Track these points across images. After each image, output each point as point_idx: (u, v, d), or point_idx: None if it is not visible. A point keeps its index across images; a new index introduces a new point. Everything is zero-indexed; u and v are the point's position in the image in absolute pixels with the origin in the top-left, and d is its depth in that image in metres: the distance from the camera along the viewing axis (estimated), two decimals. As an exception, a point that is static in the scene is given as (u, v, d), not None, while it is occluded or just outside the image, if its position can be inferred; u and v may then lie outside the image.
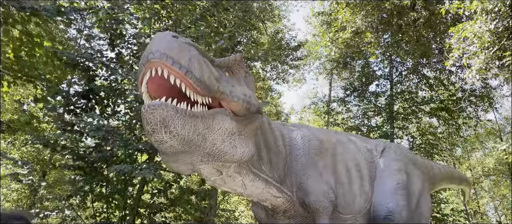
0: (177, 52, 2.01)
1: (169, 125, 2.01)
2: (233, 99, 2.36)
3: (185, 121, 2.07)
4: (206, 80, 2.13)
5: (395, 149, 4.33)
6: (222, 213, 16.68)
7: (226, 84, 2.36)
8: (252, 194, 3.04)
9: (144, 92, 2.17)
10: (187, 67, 2.03)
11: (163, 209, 8.23)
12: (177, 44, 2.05)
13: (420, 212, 3.97)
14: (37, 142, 7.37)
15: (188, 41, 2.18)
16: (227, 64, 2.56)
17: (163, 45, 2.01)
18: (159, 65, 1.99)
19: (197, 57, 2.12)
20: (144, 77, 2.08)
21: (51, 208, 8.07)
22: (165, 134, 2.03)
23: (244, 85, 2.62)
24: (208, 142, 2.26)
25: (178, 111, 2.04)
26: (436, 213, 15.25)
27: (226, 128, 2.33)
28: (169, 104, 2.01)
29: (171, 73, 2.02)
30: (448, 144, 19.55)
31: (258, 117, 2.65)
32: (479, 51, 7.90)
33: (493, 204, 29.39)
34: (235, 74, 2.62)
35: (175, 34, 2.13)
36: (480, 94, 16.38)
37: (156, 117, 1.98)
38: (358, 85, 18.06)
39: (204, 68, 2.15)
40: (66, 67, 8.00)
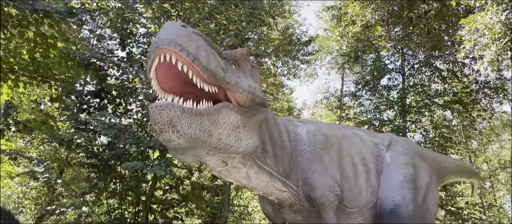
0: (185, 40, 2.08)
1: (176, 125, 2.07)
2: (239, 90, 2.41)
3: (191, 120, 2.13)
4: (212, 69, 2.20)
5: (402, 142, 4.33)
6: (235, 209, 16.81)
7: (232, 75, 2.42)
8: (257, 187, 3.08)
9: (153, 79, 2.24)
10: (195, 55, 2.09)
11: (175, 205, 8.36)
12: (186, 33, 2.12)
13: (426, 206, 3.97)
14: (52, 140, 7.56)
15: (197, 31, 2.25)
16: (234, 56, 2.62)
17: (172, 33, 2.08)
18: (167, 51, 2.06)
19: (204, 46, 2.19)
20: (153, 63, 2.15)
21: (68, 205, 8.28)
22: (173, 133, 2.10)
23: (249, 78, 2.67)
24: (214, 137, 2.32)
25: (185, 110, 2.10)
26: (451, 206, 15.11)
27: (231, 122, 2.38)
28: (175, 104, 2.08)
29: (179, 59, 2.08)
30: (463, 137, 19.32)
31: (263, 110, 2.70)
32: (491, 42, 7.81)
33: (509, 196, 28.93)
34: (241, 67, 2.68)
35: (184, 24, 2.21)
36: (494, 85, 16.12)
37: (163, 118, 2.05)
38: (370, 79, 17.94)
39: (211, 57, 2.22)
40: (79, 67, 8.17)
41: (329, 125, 4.01)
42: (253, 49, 14.21)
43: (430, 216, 4.02)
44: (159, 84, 2.29)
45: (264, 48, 17.26)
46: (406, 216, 3.59)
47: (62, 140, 7.38)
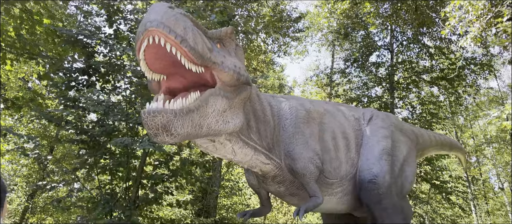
0: (173, 22, 2.12)
1: (170, 129, 2.14)
2: (224, 69, 2.47)
3: (183, 120, 2.21)
4: (199, 50, 2.25)
5: (383, 117, 4.46)
6: (226, 184, 17.05)
7: (217, 54, 2.47)
8: (243, 161, 3.19)
9: (142, 60, 2.30)
10: (183, 36, 2.13)
11: (165, 180, 8.49)
12: (173, 14, 2.16)
13: (404, 176, 4.15)
14: (41, 117, 7.60)
15: (183, 12, 2.29)
16: (219, 36, 2.68)
17: (161, 14, 2.12)
18: (156, 33, 2.10)
19: (191, 27, 2.24)
20: (142, 44, 2.19)
21: (58, 181, 8.37)
22: (167, 137, 2.17)
23: (234, 57, 2.74)
24: (204, 128, 2.40)
25: (177, 114, 2.17)
26: (435, 180, 15.52)
27: (218, 108, 2.46)
28: (168, 109, 2.14)
29: (168, 41, 2.13)
30: (450, 113, 19.65)
31: (247, 88, 2.77)
32: (474, 19, 7.92)
33: (495, 171, 29.65)
34: (226, 46, 2.74)
35: (171, 5, 2.25)
36: (480, 62, 16.35)
37: (157, 124, 2.12)
38: (359, 56, 18.05)
39: (198, 37, 2.27)
40: (66, 44, 8.12)
41: (312, 101, 4.11)
42: (242, 26, 14.16)
43: (407, 186, 4.22)
44: (147, 65, 2.35)
45: (254, 25, 17.21)
46: (383, 186, 3.76)
47: (51, 117, 7.41)
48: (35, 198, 15.34)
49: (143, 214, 8.55)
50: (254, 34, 15.95)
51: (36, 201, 15.64)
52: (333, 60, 22.65)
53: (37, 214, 15.53)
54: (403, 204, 4.09)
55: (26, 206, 14.22)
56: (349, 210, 4.17)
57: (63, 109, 7.59)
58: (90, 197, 8.15)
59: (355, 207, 4.06)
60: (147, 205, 8.07)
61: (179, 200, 10.09)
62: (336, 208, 4.08)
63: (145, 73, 2.40)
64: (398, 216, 3.85)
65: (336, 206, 4.01)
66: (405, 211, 4.08)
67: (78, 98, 7.85)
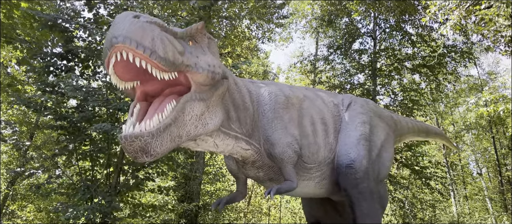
0: (140, 34, 2.03)
1: (149, 150, 2.11)
2: (198, 70, 2.42)
3: (162, 139, 2.17)
4: (170, 57, 2.18)
5: (362, 103, 4.51)
6: (209, 170, 17.08)
7: (190, 56, 2.41)
8: (224, 151, 3.20)
9: (112, 75, 2.23)
10: (151, 48, 2.05)
11: (146, 165, 8.46)
12: (140, 25, 2.07)
13: (381, 161, 4.23)
14: (19, 103, 7.44)
15: (150, 19, 2.19)
16: (190, 33, 2.60)
17: (126, 27, 2.02)
18: (123, 48, 2.01)
19: (160, 35, 2.15)
20: (110, 61, 2.11)
21: (37, 167, 8.25)
22: (147, 157, 2.14)
23: (208, 54, 2.69)
24: (184, 137, 2.38)
25: (154, 135, 2.12)
26: (415, 165, 15.84)
27: (196, 114, 2.43)
28: (144, 133, 2.09)
29: (136, 55, 2.06)
30: (430, 100, 19.99)
31: (224, 82, 2.75)
32: (454, 6, 8.03)
33: (474, 157, 30.36)
34: (198, 42, 2.69)
35: (136, 13, 2.15)
36: (460, 50, 16.60)
37: (135, 148, 2.08)
38: (342, 43, 18.12)
39: (168, 45, 2.19)
40: (43, 28, 7.92)
41: (291, 87, 4.13)
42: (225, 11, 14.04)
43: (384, 171, 4.30)
44: (118, 77, 2.29)
45: (238, 11, 17.06)
46: (360, 171, 3.83)
47: (29, 103, 7.27)
48: (16, 185, 15.11)
49: (124, 200, 8.52)
50: (237, 20, 15.80)
51: (16, 188, 15.40)
52: (317, 47, 22.71)
53: (17, 201, 15.30)
54: (380, 188, 4.19)
55: (6, 193, 13.99)
56: (327, 194, 4.24)
57: (41, 94, 7.44)
58: (70, 184, 8.07)
59: (333, 191, 4.13)
60: (128, 191, 8.04)
61: (161, 186, 10.07)
62: (315, 193, 4.14)
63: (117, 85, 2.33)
64: (375, 200, 3.93)
65: (315, 191, 4.07)
66: (381, 195, 4.18)
67: (57, 84, 7.70)
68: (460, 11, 7.93)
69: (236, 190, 4.09)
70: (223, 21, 15.67)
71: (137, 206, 8.88)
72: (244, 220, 19.74)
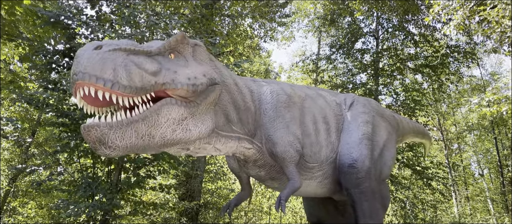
0: (99, 68, 2.00)
1: (106, 142, 2.07)
2: (177, 86, 2.35)
3: (123, 132, 2.12)
4: (137, 84, 2.12)
5: (364, 102, 4.50)
6: (210, 168, 17.07)
7: (167, 72, 2.34)
8: (227, 152, 3.17)
9: (84, 106, 2.23)
10: (112, 80, 2.02)
11: (147, 163, 8.45)
12: (98, 58, 2.03)
13: (383, 161, 4.21)
14: (21, 100, 7.44)
15: (115, 47, 2.14)
16: (169, 46, 2.53)
17: (84, 63, 2.00)
18: (84, 85, 2.02)
19: (123, 63, 2.10)
20: (76, 96, 2.12)
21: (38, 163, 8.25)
22: (106, 149, 2.10)
23: (190, 64, 2.61)
24: (157, 138, 2.30)
25: (113, 126, 2.09)
26: (417, 166, 15.80)
27: (174, 117, 2.36)
28: (102, 123, 2.06)
29: (97, 89, 2.04)
30: (433, 100, 19.93)
31: (215, 88, 2.69)
32: (458, 6, 7.99)
33: (476, 157, 30.31)
34: (181, 53, 2.62)
35: (98, 44, 2.12)
36: (463, 50, 16.55)
37: (92, 138, 2.05)
38: (345, 42, 18.09)
39: (134, 71, 2.13)
40: (44, 25, 7.91)
41: (293, 85, 4.12)
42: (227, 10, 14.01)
43: (386, 171, 4.28)
44: (95, 107, 2.28)
45: (241, 9, 17.03)
46: (362, 170, 3.81)
47: (30, 99, 7.27)
48: (17, 182, 15.14)
49: (125, 198, 8.51)
50: (239, 18, 15.77)
51: (18, 185, 15.43)
52: (319, 46, 22.69)
53: (19, 198, 15.33)
54: (382, 188, 4.17)
55: (7, 190, 14.02)
56: (329, 193, 4.23)
57: (42, 91, 7.44)
58: (71, 181, 8.06)
59: (335, 191, 4.12)
60: (129, 189, 8.01)
61: (162, 184, 10.06)
62: (316, 192, 4.13)
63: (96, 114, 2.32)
64: (377, 200, 3.93)
65: (316, 190, 4.06)
66: (383, 194, 4.16)
67: (59, 81, 7.70)
68: (464, 11, 7.89)
69: (241, 190, 4.09)
70: (225, 19, 15.64)
71: (138, 204, 8.87)
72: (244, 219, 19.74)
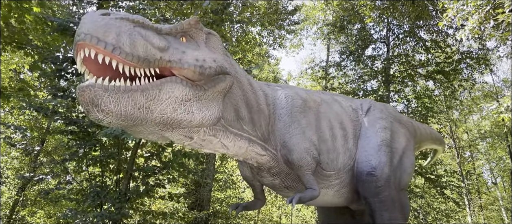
0: (102, 31, 1.98)
1: (99, 104, 2.00)
2: (183, 65, 2.31)
3: (118, 97, 2.06)
4: (140, 53, 2.09)
5: (381, 108, 4.35)
6: (220, 177, 16.96)
7: (175, 51, 2.32)
8: (237, 153, 3.06)
9: (86, 73, 2.16)
10: (114, 44, 1.99)
11: (156, 172, 8.34)
12: (104, 22, 2.01)
13: (402, 168, 4.05)
14: (29, 108, 7.39)
15: (122, 16, 2.12)
16: (181, 29, 2.51)
17: (88, 25, 1.98)
18: (85, 46, 1.98)
19: (128, 31, 2.08)
20: (77, 59, 2.07)
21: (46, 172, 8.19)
22: (98, 113, 2.04)
23: (203, 49, 2.57)
24: (156, 113, 2.24)
25: (108, 89, 2.03)
26: (430, 174, 15.50)
27: (176, 96, 2.30)
28: (97, 84, 2.01)
29: (98, 52, 2.00)
30: (444, 107, 19.65)
31: (224, 78, 2.61)
32: (473, 10, 7.79)
33: (489, 166, 29.83)
34: (193, 38, 2.59)
35: (106, 11, 2.09)
36: (477, 56, 16.29)
37: (85, 98, 1.99)
38: (355, 49, 17.94)
39: (138, 41, 2.10)
40: (53, 32, 7.89)
41: (308, 90, 3.99)
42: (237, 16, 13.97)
43: (406, 178, 4.11)
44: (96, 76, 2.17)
45: (250, 16, 17.01)
46: (382, 178, 3.65)
47: (38, 107, 7.22)
48: (26, 191, 15.14)
49: (134, 207, 8.41)
50: (249, 25, 15.73)
51: (27, 193, 15.42)
52: (328, 54, 22.57)
53: (27, 207, 15.31)
54: (402, 197, 3.99)
55: (16, 199, 14.00)
56: (346, 203, 4.07)
57: (51, 98, 7.39)
58: (80, 189, 7.98)
59: (353, 200, 3.96)
60: (138, 197, 7.91)
61: (171, 193, 9.95)
62: (333, 201, 3.97)
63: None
64: (397, 209, 3.75)
65: (333, 199, 3.90)
66: (403, 203, 3.98)
67: (67, 88, 7.65)
68: (480, 15, 7.69)
69: (254, 198, 3.95)
70: (235, 26, 15.60)
71: (147, 213, 8.77)
72: (254, 228, 19.53)
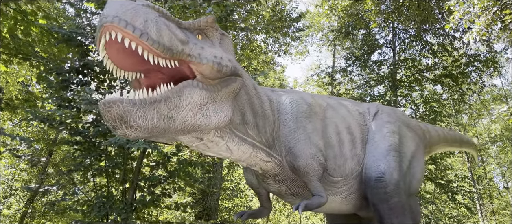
0: (131, 15, 1.93)
1: (128, 120, 1.94)
2: (202, 61, 2.28)
3: (145, 111, 2.00)
4: (165, 42, 2.05)
5: (389, 112, 4.26)
6: (227, 185, 16.86)
7: (194, 46, 2.29)
8: (241, 159, 3.00)
9: (105, 59, 2.11)
10: (142, 29, 1.94)
11: (162, 181, 8.29)
12: (132, 6, 1.97)
13: (412, 173, 3.94)
14: (35, 119, 7.39)
15: (147, 3, 2.10)
16: (199, 26, 2.49)
17: (117, 8, 1.93)
18: (112, 28, 1.91)
19: (155, 19, 2.04)
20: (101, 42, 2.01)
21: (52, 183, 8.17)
22: (127, 129, 1.98)
23: (217, 48, 2.56)
24: (178, 121, 2.19)
25: (136, 103, 1.97)
26: (440, 179, 15.28)
27: (196, 101, 2.26)
28: (124, 99, 1.94)
29: (125, 35, 1.94)
30: (453, 111, 19.44)
31: (236, 79, 2.58)
32: (480, 12, 7.69)
33: (500, 170, 29.41)
34: (209, 36, 2.58)
35: None
36: (485, 58, 16.12)
37: (113, 115, 1.92)
38: (360, 54, 17.87)
39: (164, 30, 2.07)
40: (59, 43, 7.91)
41: (313, 95, 3.92)
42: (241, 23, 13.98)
43: (416, 184, 4.00)
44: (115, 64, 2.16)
45: (255, 24, 17.02)
46: (391, 184, 3.55)
47: (44, 118, 7.23)
48: (35, 203, 15.17)
49: (140, 217, 8.35)
50: (253, 32, 15.74)
51: (35, 205, 15.45)
52: (334, 60, 22.50)
53: (36, 219, 15.32)
54: (412, 203, 3.87)
55: (24, 211, 14.03)
56: (354, 210, 3.96)
57: (56, 109, 7.40)
58: (85, 200, 7.95)
59: (361, 206, 3.85)
60: (144, 207, 7.85)
61: (178, 202, 9.89)
62: (341, 208, 3.87)
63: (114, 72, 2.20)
64: (407, 216, 3.63)
65: (341, 206, 3.80)
66: (413, 210, 3.86)
67: (72, 98, 7.67)
68: (487, 16, 7.58)
69: (260, 206, 3.86)
70: (240, 33, 15.61)
71: (153, 223, 8.70)
72: (262, 236, 19.36)
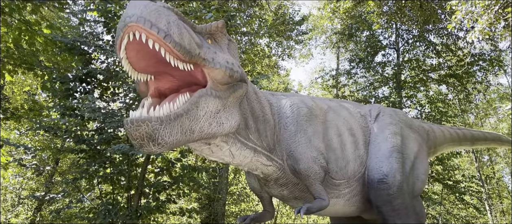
0: (155, 16, 1.94)
1: (156, 138, 1.96)
2: (215, 66, 2.29)
3: (171, 127, 2.02)
4: (186, 45, 2.06)
5: (390, 113, 4.23)
6: (233, 190, 16.85)
7: (208, 50, 2.30)
8: (242, 163, 2.99)
9: (123, 59, 2.10)
10: (166, 31, 1.95)
11: (167, 187, 8.29)
12: (155, 8, 1.98)
13: (415, 175, 3.91)
14: (39, 128, 7.45)
15: (167, 6, 2.12)
16: (209, 31, 2.52)
17: (141, 8, 1.94)
18: (137, 28, 1.92)
19: (176, 21, 2.05)
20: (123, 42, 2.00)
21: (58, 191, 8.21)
22: (154, 146, 1.98)
23: (227, 53, 2.58)
24: (196, 132, 2.22)
25: (163, 121, 1.98)
26: (448, 180, 15.16)
27: (211, 110, 2.29)
28: (152, 117, 1.95)
29: (150, 36, 1.95)
30: (459, 111, 19.30)
31: (242, 85, 2.60)
32: (482, 11, 7.65)
33: (508, 169, 29.12)
34: (218, 42, 2.59)
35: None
36: (489, 57, 16.02)
37: (142, 134, 1.93)
38: (364, 56, 17.83)
39: (184, 32, 2.08)
40: (61, 52, 7.98)
41: (314, 98, 3.91)
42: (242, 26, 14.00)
43: (419, 185, 3.96)
44: (131, 65, 2.16)
45: (258, 29, 17.04)
46: (394, 186, 3.52)
47: (48, 127, 7.28)
48: (42, 211, 15.26)
49: (146, 223, 8.36)
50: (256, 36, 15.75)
51: (43, 213, 15.55)
52: (338, 62, 22.48)
53: (43, 228, 15.41)
54: (415, 204, 3.84)
55: (32, 219, 14.11)
56: (358, 212, 3.93)
57: (60, 118, 7.45)
58: (91, 207, 7.98)
59: (365, 209, 3.82)
60: (150, 214, 7.85)
61: (183, 208, 9.88)
62: (344, 211, 3.84)
63: (129, 73, 2.20)
64: (411, 217, 3.60)
65: (344, 209, 3.77)
66: (417, 211, 3.82)
67: (76, 107, 7.72)
68: (489, 15, 7.53)
69: (263, 210, 3.85)
70: (243, 38, 15.64)
71: (159, 230, 8.70)
72: (269, 241, 19.30)
